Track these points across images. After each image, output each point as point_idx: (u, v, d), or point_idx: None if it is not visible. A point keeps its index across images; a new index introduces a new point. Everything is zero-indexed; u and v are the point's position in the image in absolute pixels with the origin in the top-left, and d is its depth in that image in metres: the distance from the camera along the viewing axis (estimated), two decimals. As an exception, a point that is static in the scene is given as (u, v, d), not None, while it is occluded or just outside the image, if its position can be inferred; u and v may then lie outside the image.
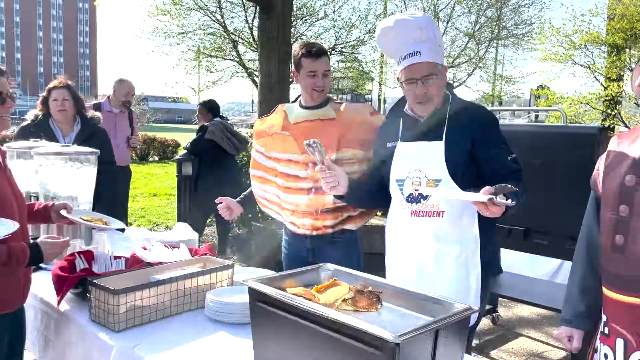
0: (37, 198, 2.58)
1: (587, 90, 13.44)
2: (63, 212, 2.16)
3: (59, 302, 1.99)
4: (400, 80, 2.19)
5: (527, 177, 2.12)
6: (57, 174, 2.49)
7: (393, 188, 2.23)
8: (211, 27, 18.08)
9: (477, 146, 2.09)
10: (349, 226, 2.56)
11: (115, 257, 2.29)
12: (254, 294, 1.56)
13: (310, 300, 1.49)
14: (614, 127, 12.02)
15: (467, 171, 2.08)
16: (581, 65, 13.46)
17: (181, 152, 5.23)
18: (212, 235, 6.39)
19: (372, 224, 3.49)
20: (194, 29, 18.16)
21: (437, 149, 2.10)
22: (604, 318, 1.60)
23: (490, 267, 2.16)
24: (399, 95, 2.67)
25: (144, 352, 1.68)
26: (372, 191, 2.35)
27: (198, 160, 4.99)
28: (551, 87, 14.27)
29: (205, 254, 2.34)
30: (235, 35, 17.90)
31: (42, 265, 2.24)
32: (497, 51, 20.32)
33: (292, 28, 10.20)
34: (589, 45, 13.11)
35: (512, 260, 3.52)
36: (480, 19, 19.39)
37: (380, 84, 20.28)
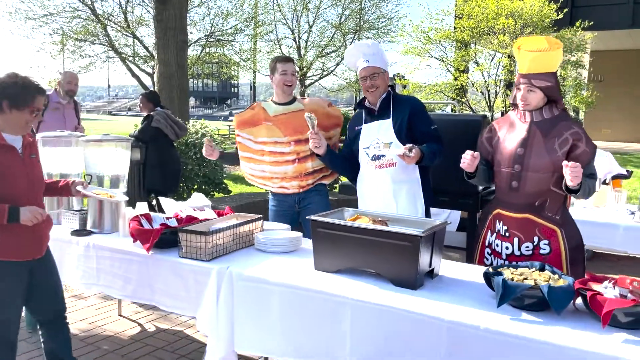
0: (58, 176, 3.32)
1: (441, 80, 15.63)
2: (79, 188, 2.81)
3: (149, 249, 2.73)
4: (359, 77, 3.29)
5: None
6: (103, 157, 3.15)
7: (362, 154, 3.26)
8: (78, 10, 17.53)
9: (412, 119, 3.16)
10: (324, 182, 3.62)
11: (167, 218, 3.03)
12: (317, 224, 2.49)
13: (353, 225, 2.47)
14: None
15: (407, 135, 3.13)
16: (436, 59, 15.59)
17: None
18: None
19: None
20: (58, 10, 17.46)
21: (387, 123, 3.19)
22: (504, 227, 2.75)
23: (427, 198, 3.26)
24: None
25: (238, 270, 2.52)
26: (340, 158, 3.42)
27: (145, 147, 5.54)
28: (411, 77, 16.30)
29: (230, 213, 3.19)
30: (104, 18, 17.54)
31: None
32: (360, 42, 21.89)
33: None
34: (442, 41, 15.21)
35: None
36: (345, 11, 20.96)
37: (254, 72, 21.04)
